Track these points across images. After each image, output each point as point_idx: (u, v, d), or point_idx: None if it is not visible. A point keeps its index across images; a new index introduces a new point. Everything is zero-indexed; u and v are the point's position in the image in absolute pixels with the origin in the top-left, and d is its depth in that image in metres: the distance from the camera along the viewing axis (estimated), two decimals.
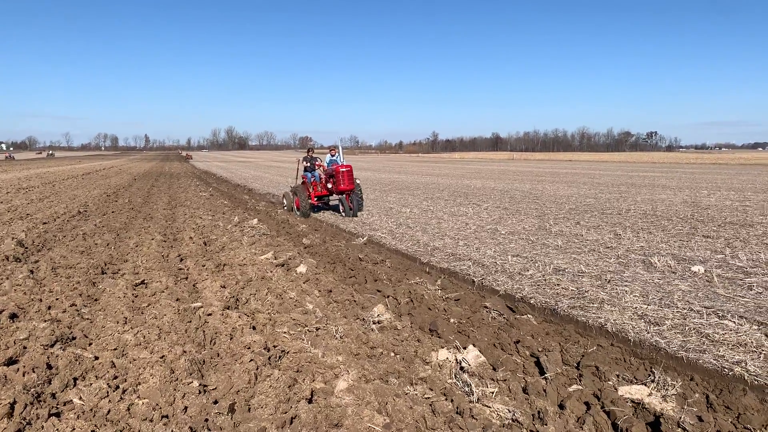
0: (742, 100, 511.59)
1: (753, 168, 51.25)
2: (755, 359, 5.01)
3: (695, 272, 8.28)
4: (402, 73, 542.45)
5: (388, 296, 7.17)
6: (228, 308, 6.51)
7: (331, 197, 17.69)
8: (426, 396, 4.20)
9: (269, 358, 5.01)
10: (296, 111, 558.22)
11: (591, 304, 6.84)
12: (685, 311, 6.45)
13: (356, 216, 16.23)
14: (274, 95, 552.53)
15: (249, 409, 4.11)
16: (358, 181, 16.75)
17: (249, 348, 5.22)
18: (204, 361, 4.98)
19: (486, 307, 6.79)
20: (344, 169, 15.82)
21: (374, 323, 5.97)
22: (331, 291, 7.34)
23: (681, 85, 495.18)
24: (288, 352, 5.15)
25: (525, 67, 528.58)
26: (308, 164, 18.09)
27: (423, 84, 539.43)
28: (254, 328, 5.89)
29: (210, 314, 6.28)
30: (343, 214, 16.57)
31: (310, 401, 4.15)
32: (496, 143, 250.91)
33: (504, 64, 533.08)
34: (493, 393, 4.22)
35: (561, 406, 4.08)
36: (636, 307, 6.64)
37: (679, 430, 3.55)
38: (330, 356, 5.01)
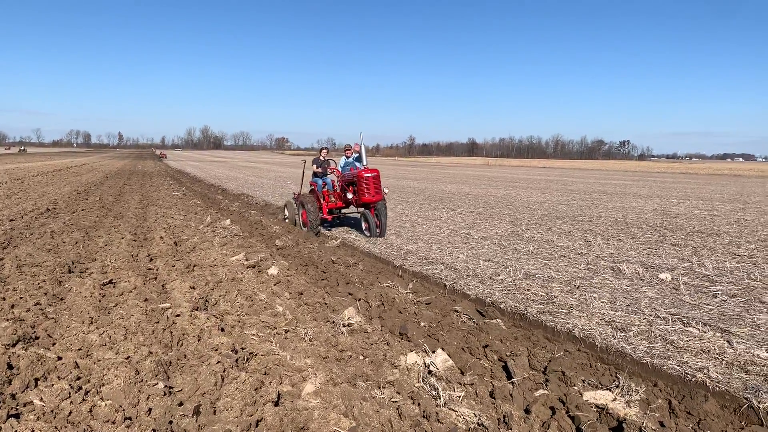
0: (712, 112, 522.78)
1: (721, 178, 52.31)
2: (717, 366, 5.10)
3: (663, 279, 8.41)
4: (381, 76, 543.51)
5: (359, 299, 7.16)
6: (197, 309, 6.44)
7: (343, 209, 14.55)
8: (393, 400, 4.20)
9: (237, 360, 4.96)
10: (273, 111, 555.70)
11: (560, 310, 6.91)
12: (651, 318, 6.54)
13: (383, 236, 12.81)
14: (251, 95, 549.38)
15: (214, 411, 4.06)
16: (386, 191, 13.11)
17: (216, 350, 5.17)
18: (170, 363, 4.92)
19: (456, 311, 6.82)
20: (370, 175, 12.52)
21: (344, 326, 5.95)
22: (302, 293, 7.31)
23: (654, 95, 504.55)
24: (256, 355, 5.12)
25: (502, 74, 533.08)
26: (319, 168, 14.58)
27: (401, 88, 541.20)
28: (223, 329, 5.83)
29: (178, 315, 6.21)
30: (367, 233, 12.97)
31: (276, 404, 4.12)
32: (472, 149, 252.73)
33: (481, 71, 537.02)
34: (460, 397, 4.24)
35: (527, 411, 4.11)
36: (604, 313, 6.73)
37: None
38: (298, 359, 4.99)
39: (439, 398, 4.20)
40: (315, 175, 14.73)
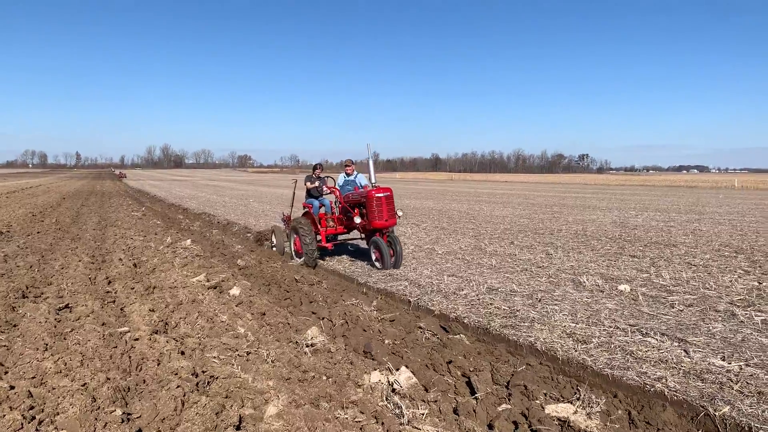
0: (668, 125, 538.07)
1: (678, 189, 53.74)
2: (675, 375, 5.20)
3: (622, 291, 8.57)
4: (343, 92, 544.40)
5: (323, 318, 7.12)
6: (156, 333, 6.32)
7: (342, 235, 12.80)
8: (357, 419, 4.17)
9: (197, 384, 4.87)
10: (235, 129, 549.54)
11: (522, 323, 6.97)
12: (611, 329, 6.65)
13: (398, 267, 10.79)
14: (213, 112, 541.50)
15: None
16: (399, 214, 11.21)
17: (176, 374, 5.07)
18: (129, 388, 4.81)
19: (420, 327, 6.83)
20: (382, 195, 10.66)
21: (307, 346, 5.91)
22: (264, 314, 7.23)
23: (612, 109, 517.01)
24: (217, 378, 5.03)
25: (465, 90, 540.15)
26: (315, 186, 12.80)
27: (365, 104, 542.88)
28: (183, 353, 5.73)
29: (137, 339, 6.07)
30: (378, 264, 10.89)
31: (238, 428, 4.06)
32: (436, 164, 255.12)
33: (444, 87, 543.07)
34: (423, 414, 4.23)
35: (490, 426, 4.13)
36: (565, 326, 6.81)
37: None
38: (260, 381, 4.92)
39: (403, 416, 4.19)
40: (309, 195, 12.82)
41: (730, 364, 5.42)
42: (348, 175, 12.66)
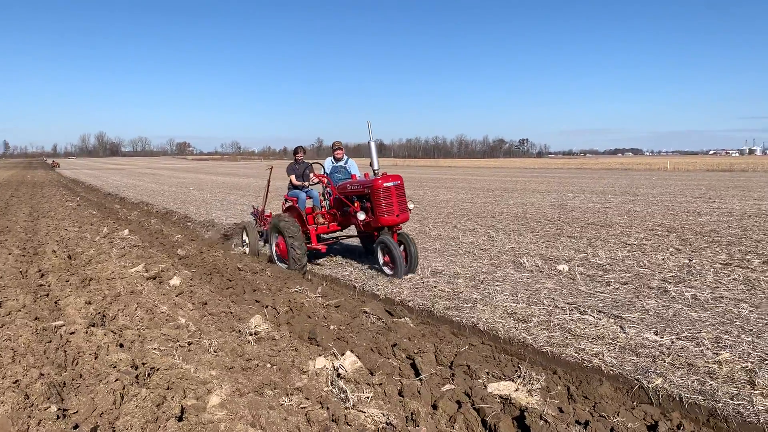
0: (604, 110, 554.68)
1: (613, 172, 55.49)
2: (611, 350, 5.39)
3: (560, 271, 8.81)
4: (286, 77, 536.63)
5: (266, 306, 7.04)
6: (93, 326, 6.11)
7: (334, 233, 10.82)
8: (302, 406, 4.15)
9: (137, 376, 4.74)
10: (174, 115, 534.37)
11: (465, 305, 7.08)
12: (550, 308, 6.83)
13: (414, 271, 8.98)
14: (149, 98, 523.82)
15: (114, 431, 3.86)
16: (411, 206, 9.24)
17: (115, 367, 4.92)
18: (64, 384, 4.64)
19: (366, 312, 6.84)
20: (392, 184, 8.88)
21: (251, 335, 5.83)
22: (206, 303, 7.09)
23: (550, 94, 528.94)
24: (158, 369, 4.90)
25: (406, 75, 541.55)
26: (298, 177, 10.90)
27: (308, 89, 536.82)
28: (122, 345, 5.56)
29: (73, 333, 5.85)
30: (388, 270, 9.00)
31: (180, 419, 3.97)
32: (380, 149, 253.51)
33: (387, 72, 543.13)
34: (368, 398, 4.24)
35: (434, 407, 4.18)
36: (506, 306, 6.96)
37: (542, 422, 3.74)
38: (203, 371, 4.83)
39: (348, 401, 4.19)
40: (293, 186, 10.93)
41: (662, 338, 5.65)
42: (337, 160, 10.75)
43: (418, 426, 3.75)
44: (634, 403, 4.43)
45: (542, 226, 14.13)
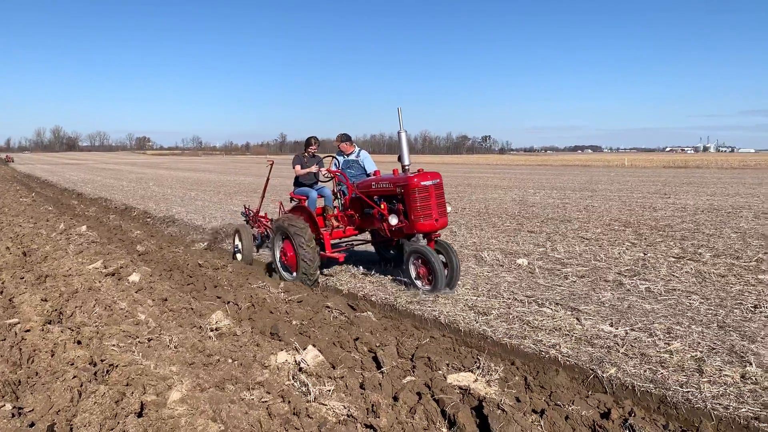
0: (565, 108, 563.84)
1: (573, 169, 56.53)
2: (568, 341, 5.53)
3: (520, 264, 8.97)
4: (249, 72, 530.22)
5: (228, 302, 7.00)
6: (49, 323, 6.01)
7: (346, 239, 9.39)
8: (263, 400, 4.16)
9: (95, 373, 4.68)
10: (133, 109, 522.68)
11: (427, 299, 7.16)
12: (509, 301, 6.96)
13: (454, 286, 7.50)
14: (108, 91, 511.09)
15: (71, 429, 3.81)
16: (449, 209, 7.95)
17: (72, 364, 4.85)
18: (20, 382, 4.56)
19: (328, 306, 6.86)
20: (430, 183, 7.52)
21: (212, 330, 5.80)
22: (166, 299, 7.02)
23: (512, 92, 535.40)
24: (116, 366, 4.85)
25: (371, 71, 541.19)
26: (309, 171, 9.57)
27: (271, 84, 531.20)
28: (79, 342, 5.47)
29: (28, 330, 5.73)
30: (423, 284, 7.50)
31: (139, 415, 3.94)
32: None
33: (350, 69, 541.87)
34: (330, 391, 4.28)
35: (395, 398, 4.23)
36: (467, 299, 7.06)
37: (499, 411, 3.83)
38: (163, 367, 4.79)
39: (309, 394, 4.22)
40: (298, 183, 9.70)
41: (617, 329, 5.81)
42: (347, 154, 9.50)
43: (378, 417, 3.80)
44: (589, 392, 4.56)
45: (503, 222, 14.35)
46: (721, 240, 10.95)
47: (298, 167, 9.58)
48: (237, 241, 10.29)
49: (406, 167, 7.85)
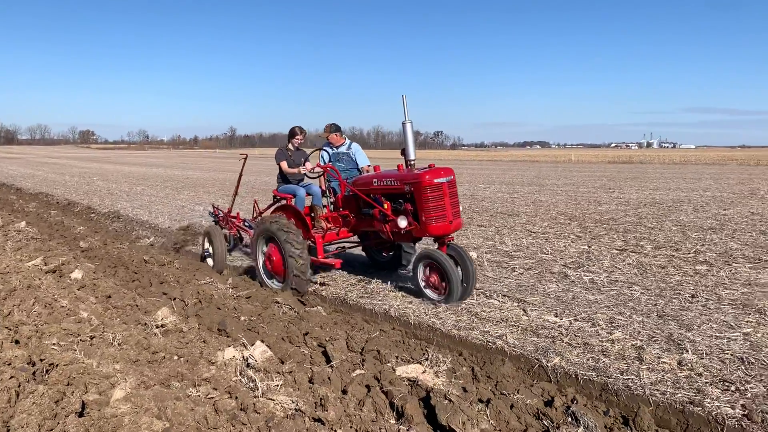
0: (514, 103, 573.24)
1: (522, 164, 57.52)
2: (514, 332, 5.63)
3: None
4: (198, 63, 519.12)
5: (174, 298, 6.88)
6: None
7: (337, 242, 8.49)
8: (210, 396, 4.11)
9: (34, 373, 4.53)
10: (76, 101, 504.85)
11: (378, 293, 7.18)
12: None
13: (469, 294, 6.78)
14: (49, 82, 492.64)
15: (8, 430, 3.69)
16: (459, 208, 7.10)
17: (10, 364, 4.67)
18: None
19: (278, 302, 6.81)
20: (444, 180, 6.79)
21: (158, 327, 5.69)
22: (110, 296, 6.85)
23: (463, 88, 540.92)
24: (57, 365, 4.70)
25: (325, 64, 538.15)
26: (291, 163, 8.54)
27: (220, 78, 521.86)
28: (17, 342, 5.28)
29: None
30: (433, 294, 6.78)
31: (81, 414, 3.84)
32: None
33: (303, 62, 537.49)
34: (278, 386, 4.26)
35: (344, 392, 4.24)
36: (382, 283, 7.15)
37: (446, 401, 3.88)
38: (106, 365, 4.68)
39: (257, 389, 4.19)
40: (283, 179, 8.65)
41: (561, 319, 5.96)
42: (336, 147, 8.74)
43: (326, 411, 3.80)
44: (534, 381, 4.67)
45: None
46: (661, 233, 11.34)
47: (284, 164, 8.47)
48: (207, 245, 9.28)
49: (411, 162, 7.20)
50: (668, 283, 7.42)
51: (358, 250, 8.98)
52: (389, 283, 7.61)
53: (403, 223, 6.73)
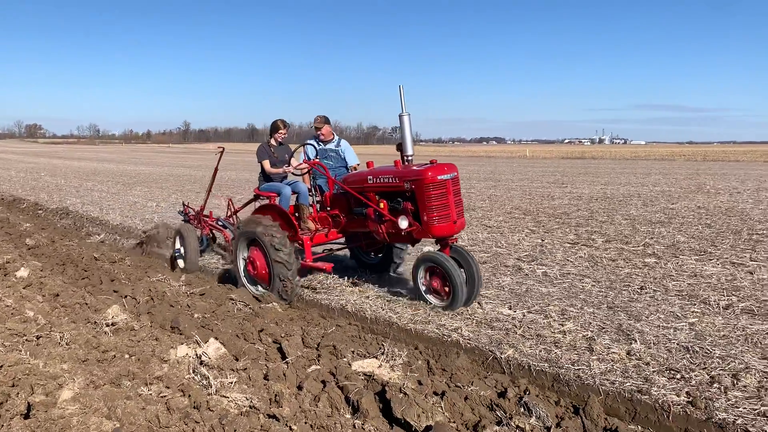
0: (470, 100, 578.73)
1: (479, 159, 58.21)
2: (469, 325, 5.70)
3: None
4: (151, 56, 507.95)
5: (125, 296, 6.72)
6: None
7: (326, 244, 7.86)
8: (162, 395, 4.03)
9: None
10: (22, 94, 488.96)
11: (334, 288, 7.17)
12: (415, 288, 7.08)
13: (471, 303, 6.33)
14: None
15: None
16: None
17: None
18: None
19: (232, 299, 6.73)
20: (447, 177, 6.31)
21: (108, 326, 5.55)
22: (58, 295, 6.65)
23: (420, 84, 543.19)
24: (1, 366, 4.55)
25: (278, 58, 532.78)
26: (275, 160, 8.03)
27: (174, 71, 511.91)
28: None
29: None
30: (434, 299, 6.39)
31: (26, 416, 3.72)
32: (252, 134, 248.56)
33: (259, 57, 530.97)
34: (232, 383, 4.21)
35: (299, 387, 4.22)
36: (374, 288, 7.13)
37: (402, 395, 3.90)
38: (53, 365, 4.54)
39: (211, 387, 4.13)
40: (265, 177, 8.10)
41: (515, 312, 6.06)
42: (323, 142, 8.30)
43: (281, 407, 3.78)
44: (488, 373, 4.74)
45: None
46: (612, 226, 11.63)
47: (266, 163, 7.92)
48: (178, 245, 8.63)
49: (409, 158, 6.79)
50: (618, 275, 7.62)
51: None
52: (346, 278, 7.60)
53: (404, 223, 6.27)
